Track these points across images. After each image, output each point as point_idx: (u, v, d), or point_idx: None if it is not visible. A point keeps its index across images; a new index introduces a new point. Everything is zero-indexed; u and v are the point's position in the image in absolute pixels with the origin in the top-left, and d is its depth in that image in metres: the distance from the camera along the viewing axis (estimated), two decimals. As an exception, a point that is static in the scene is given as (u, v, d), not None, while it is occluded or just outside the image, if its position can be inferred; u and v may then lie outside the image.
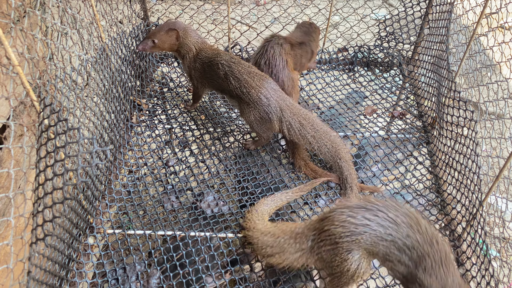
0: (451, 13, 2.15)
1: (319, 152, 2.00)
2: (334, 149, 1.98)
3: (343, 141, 2.06)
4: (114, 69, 2.08)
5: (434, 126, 2.27)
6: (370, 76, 2.74)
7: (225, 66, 2.05)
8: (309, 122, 1.98)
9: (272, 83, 2.01)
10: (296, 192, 1.91)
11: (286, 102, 1.99)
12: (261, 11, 4.80)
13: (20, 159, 1.58)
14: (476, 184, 1.67)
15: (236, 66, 2.03)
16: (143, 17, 2.70)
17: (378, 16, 4.42)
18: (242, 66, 2.03)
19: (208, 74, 2.16)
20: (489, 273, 1.53)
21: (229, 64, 2.05)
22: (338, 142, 1.99)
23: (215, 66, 2.09)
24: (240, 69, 2.02)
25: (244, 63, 2.05)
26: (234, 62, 2.05)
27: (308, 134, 1.97)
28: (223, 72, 2.05)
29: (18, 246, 1.61)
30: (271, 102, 1.97)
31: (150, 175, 2.08)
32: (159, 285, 1.66)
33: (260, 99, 1.97)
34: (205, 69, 2.16)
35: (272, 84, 2.01)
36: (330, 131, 2.00)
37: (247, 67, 2.03)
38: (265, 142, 2.18)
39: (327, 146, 1.98)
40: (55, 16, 1.55)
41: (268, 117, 1.99)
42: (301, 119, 1.97)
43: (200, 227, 1.84)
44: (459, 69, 2.11)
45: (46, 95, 1.37)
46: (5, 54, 1.22)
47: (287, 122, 1.98)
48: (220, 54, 2.11)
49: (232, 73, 2.02)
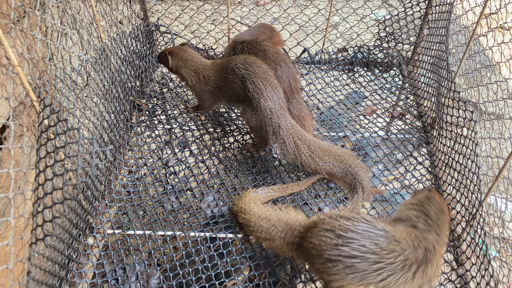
0: (451, 14, 2.15)
1: (321, 171, 1.96)
2: (340, 160, 1.93)
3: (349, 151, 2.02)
4: (114, 69, 2.08)
5: (433, 126, 2.27)
6: (370, 76, 2.75)
7: (241, 69, 2.00)
8: (305, 143, 1.96)
9: (281, 97, 1.98)
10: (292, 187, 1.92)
11: (286, 122, 1.97)
12: (261, 11, 4.81)
13: (20, 159, 1.58)
14: (475, 184, 1.67)
15: (252, 68, 1.98)
16: (143, 18, 2.70)
17: (378, 17, 4.42)
18: (257, 68, 1.98)
19: (223, 89, 2.12)
20: (488, 273, 1.53)
21: (245, 66, 1.99)
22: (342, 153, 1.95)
23: (230, 75, 2.04)
24: (256, 72, 1.97)
25: (260, 65, 2.00)
26: (249, 63, 2.00)
27: (303, 155, 1.95)
28: (240, 75, 2.00)
29: (18, 246, 1.61)
30: (273, 116, 1.95)
31: (150, 175, 2.08)
32: (159, 285, 1.66)
33: (265, 110, 1.95)
34: (219, 86, 2.14)
35: (281, 99, 1.98)
36: (331, 148, 1.96)
37: (262, 72, 1.97)
38: (264, 147, 2.18)
39: (331, 162, 1.94)
40: (55, 16, 1.55)
41: (265, 128, 1.99)
42: (296, 140, 1.96)
43: (200, 228, 1.84)
44: (459, 69, 2.11)
45: (46, 96, 1.38)
46: (5, 54, 1.22)
47: (281, 140, 1.97)
48: (232, 60, 2.06)
49: (249, 76, 1.97)
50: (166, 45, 2.90)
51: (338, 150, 1.97)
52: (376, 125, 2.39)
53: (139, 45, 2.52)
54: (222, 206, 1.94)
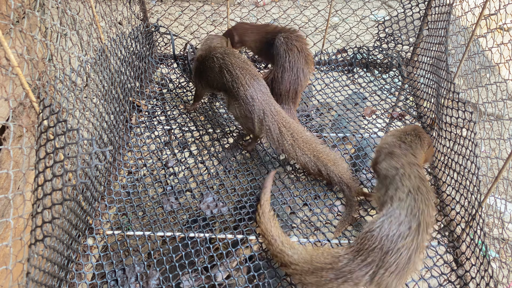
0: (450, 15, 2.15)
1: (297, 161, 1.99)
2: (316, 158, 1.96)
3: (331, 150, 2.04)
4: (114, 70, 2.08)
5: (433, 127, 2.27)
6: (369, 77, 2.75)
7: (220, 59, 2.07)
8: (289, 130, 1.97)
9: (262, 85, 2.01)
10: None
11: (271, 107, 1.98)
12: (261, 12, 4.81)
13: (19, 160, 1.58)
14: (475, 185, 1.67)
15: (229, 58, 2.04)
16: (143, 18, 2.70)
17: (377, 17, 4.43)
18: (236, 59, 2.04)
19: (204, 73, 2.18)
20: (488, 274, 1.53)
21: (223, 56, 2.06)
22: (321, 150, 1.97)
23: (210, 61, 2.11)
24: (233, 62, 2.03)
25: (239, 56, 2.06)
26: (227, 53, 2.06)
27: (286, 142, 1.97)
28: (218, 65, 2.07)
29: (17, 247, 1.61)
30: (256, 103, 1.97)
31: (150, 176, 2.08)
32: (158, 286, 1.66)
33: (246, 98, 1.98)
34: (200, 68, 2.20)
35: (262, 86, 2.01)
36: (313, 141, 1.99)
37: (241, 61, 2.03)
38: (255, 140, 2.19)
39: (308, 155, 1.96)
40: (55, 17, 1.55)
41: (250, 116, 2.00)
42: (281, 126, 1.97)
43: (199, 228, 1.84)
44: (458, 70, 2.12)
45: (45, 96, 1.38)
46: (5, 55, 1.23)
47: (267, 126, 1.98)
48: (214, 48, 2.14)
49: (226, 66, 2.03)
50: (165, 46, 2.90)
51: (318, 146, 1.98)
52: (375, 126, 2.39)
53: (139, 46, 2.52)
54: (222, 207, 1.94)
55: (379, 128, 2.39)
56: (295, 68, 2.20)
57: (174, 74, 2.75)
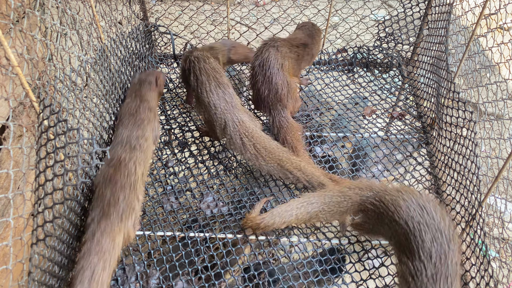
0: (450, 14, 2.15)
1: (261, 170, 2.00)
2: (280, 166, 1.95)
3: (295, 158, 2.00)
4: (114, 70, 2.08)
5: (433, 126, 2.27)
6: (370, 77, 2.75)
7: (191, 61, 2.08)
8: (251, 140, 1.96)
9: (228, 94, 2.00)
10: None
11: (233, 117, 1.97)
12: (261, 12, 4.81)
13: (19, 159, 1.58)
14: (475, 185, 1.67)
15: (199, 63, 2.05)
16: (143, 18, 2.70)
17: (378, 17, 4.42)
18: (206, 64, 2.04)
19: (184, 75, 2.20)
20: (488, 274, 1.53)
21: (195, 60, 2.07)
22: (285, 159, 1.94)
23: (184, 61, 2.14)
24: (201, 67, 2.03)
25: (211, 63, 2.06)
26: (199, 58, 2.07)
27: (248, 152, 1.96)
28: (188, 67, 2.08)
29: (17, 247, 1.61)
30: (218, 111, 1.98)
31: (150, 175, 2.07)
32: (158, 285, 1.66)
33: (209, 105, 1.99)
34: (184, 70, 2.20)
35: (227, 95, 2.00)
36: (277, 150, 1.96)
37: (211, 68, 2.03)
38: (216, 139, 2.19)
39: (271, 164, 1.95)
40: (55, 17, 1.55)
41: (213, 123, 2.01)
42: (243, 137, 1.96)
43: (199, 228, 1.84)
44: (458, 69, 2.12)
45: (45, 96, 1.38)
46: (5, 55, 1.23)
47: (229, 136, 1.98)
48: (192, 51, 2.15)
49: (194, 70, 2.04)
50: (165, 45, 2.90)
51: (282, 154, 1.96)
52: (375, 126, 2.39)
53: (139, 45, 2.52)
54: (222, 207, 1.94)
55: (379, 127, 2.38)
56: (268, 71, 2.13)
57: (174, 74, 2.75)
